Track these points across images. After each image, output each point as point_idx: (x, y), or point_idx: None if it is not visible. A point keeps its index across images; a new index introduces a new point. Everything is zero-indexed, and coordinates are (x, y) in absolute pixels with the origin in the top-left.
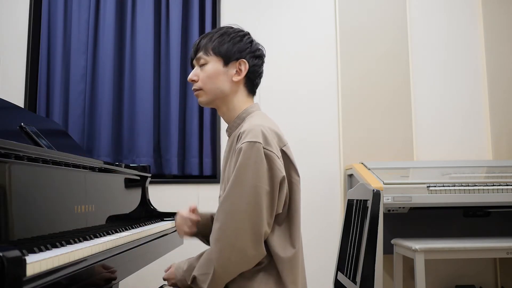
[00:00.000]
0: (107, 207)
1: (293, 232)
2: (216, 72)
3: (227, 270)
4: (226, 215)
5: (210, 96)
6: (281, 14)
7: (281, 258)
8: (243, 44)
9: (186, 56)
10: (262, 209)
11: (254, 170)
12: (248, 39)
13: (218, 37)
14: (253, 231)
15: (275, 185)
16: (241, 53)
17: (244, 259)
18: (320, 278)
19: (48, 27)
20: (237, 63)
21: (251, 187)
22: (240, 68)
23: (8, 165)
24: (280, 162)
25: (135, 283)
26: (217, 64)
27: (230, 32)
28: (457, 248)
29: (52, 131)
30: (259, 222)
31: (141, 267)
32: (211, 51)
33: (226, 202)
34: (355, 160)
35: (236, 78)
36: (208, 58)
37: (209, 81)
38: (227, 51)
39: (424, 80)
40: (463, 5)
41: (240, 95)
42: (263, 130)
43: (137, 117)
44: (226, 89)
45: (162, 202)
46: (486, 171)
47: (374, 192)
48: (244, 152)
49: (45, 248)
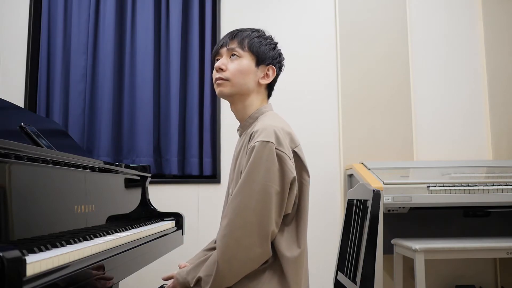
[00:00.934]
0: (107, 207)
1: (300, 232)
2: (249, 69)
3: (231, 268)
4: (234, 212)
5: (234, 89)
6: (281, 14)
7: (287, 258)
8: (275, 52)
9: (186, 56)
10: (271, 208)
11: (266, 170)
12: (279, 50)
13: (256, 37)
14: (260, 230)
15: (286, 185)
16: (273, 60)
17: (250, 256)
18: (320, 278)
19: (48, 27)
20: (266, 67)
21: (262, 186)
22: (268, 73)
23: (8, 165)
24: (292, 163)
25: (135, 283)
26: (250, 61)
27: (267, 36)
28: (457, 248)
29: (52, 131)
30: (267, 221)
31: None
32: (247, 48)
33: (235, 199)
34: (355, 160)
35: (263, 81)
36: (243, 53)
37: (240, 75)
38: (263, 53)
39: (424, 80)
40: (463, 5)
41: (260, 96)
42: (276, 131)
43: (137, 117)
44: (251, 88)
45: (162, 202)
46: (486, 171)
47: (374, 192)
48: (256, 151)
49: (45, 248)
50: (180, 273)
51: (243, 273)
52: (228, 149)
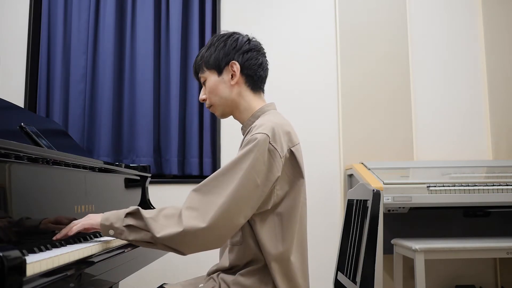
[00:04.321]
0: (107, 207)
1: (286, 230)
2: (215, 84)
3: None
4: (211, 190)
5: (221, 108)
6: (281, 14)
7: (270, 255)
8: (228, 47)
9: (186, 56)
10: (244, 198)
11: (253, 160)
12: (233, 39)
13: (205, 51)
14: (226, 214)
15: (267, 182)
16: (228, 56)
17: (206, 236)
18: (320, 278)
19: (48, 27)
20: (229, 67)
21: (244, 174)
22: (234, 70)
23: (8, 165)
24: (281, 162)
25: (135, 283)
26: (212, 76)
27: (215, 41)
28: (457, 248)
29: (52, 131)
30: (235, 210)
31: (141, 267)
32: (204, 67)
33: (214, 179)
34: (355, 160)
35: (233, 81)
36: (205, 74)
37: (212, 95)
38: (215, 60)
39: (424, 80)
40: (463, 5)
41: (245, 95)
42: (273, 127)
43: (137, 117)
44: (229, 96)
45: (162, 202)
46: (486, 171)
47: (374, 192)
48: (249, 141)
49: (45, 248)
50: (105, 213)
51: (186, 243)
52: (228, 149)
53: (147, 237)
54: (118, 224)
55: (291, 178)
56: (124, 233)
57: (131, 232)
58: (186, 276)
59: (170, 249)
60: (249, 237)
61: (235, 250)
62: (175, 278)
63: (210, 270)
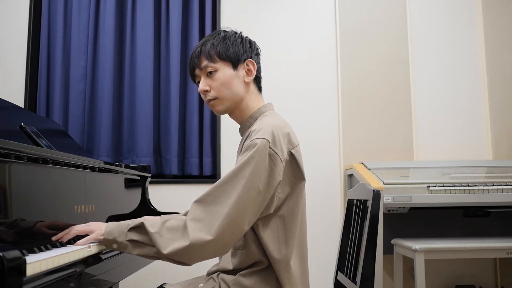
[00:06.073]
0: (107, 207)
1: (289, 233)
2: (230, 77)
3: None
4: (214, 200)
5: (227, 103)
6: (281, 14)
7: (274, 259)
8: (245, 44)
9: (186, 56)
10: (248, 206)
11: (255, 166)
12: (247, 39)
13: (220, 42)
14: (232, 223)
15: (269, 187)
16: (246, 53)
17: (210, 246)
18: (320, 278)
19: (48, 27)
20: (244, 64)
21: (247, 182)
22: (249, 69)
23: (8, 165)
24: (282, 165)
25: (135, 283)
26: (227, 69)
27: (229, 35)
28: (457, 248)
29: (52, 131)
30: (240, 218)
31: (141, 267)
32: (217, 57)
33: (219, 188)
34: (355, 160)
35: (248, 79)
36: (216, 65)
37: (224, 88)
38: (235, 54)
39: (424, 80)
40: (463, 5)
41: (251, 94)
42: (273, 130)
43: (137, 117)
44: (241, 92)
45: (162, 202)
46: (486, 171)
47: (374, 192)
48: (249, 147)
49: (45, 248)
50: (108, 225)
51: (189, 252)
52: (228, 149)
53: (152, 252)
54: (121, 238)
55: (292, 180)
56: (128, 248)
57: (135, 247)
58: (186, 276)
59: (175, 262)
60: (252, 241)
61: (238, 254)
62: (175, 278)
63: (210, 270)
